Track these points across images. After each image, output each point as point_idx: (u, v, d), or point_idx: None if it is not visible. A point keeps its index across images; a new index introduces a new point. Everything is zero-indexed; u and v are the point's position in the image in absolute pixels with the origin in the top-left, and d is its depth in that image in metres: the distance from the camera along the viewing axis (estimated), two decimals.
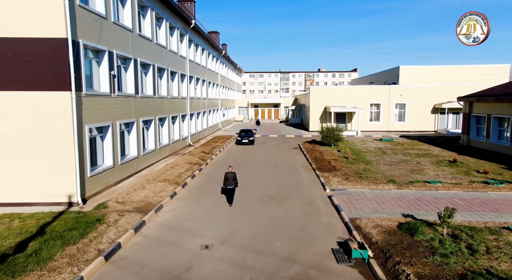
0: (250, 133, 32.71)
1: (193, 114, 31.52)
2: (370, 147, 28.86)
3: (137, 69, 18.48)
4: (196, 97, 32.41)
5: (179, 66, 26.87)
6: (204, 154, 24.80)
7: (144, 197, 13.74)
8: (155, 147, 21.26)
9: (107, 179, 15.22)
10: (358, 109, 39.07)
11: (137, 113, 18.48)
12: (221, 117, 46.96)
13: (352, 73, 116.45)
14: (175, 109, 25.65)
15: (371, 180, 16.62)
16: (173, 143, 25.05)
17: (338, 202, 13.25)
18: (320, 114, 41.60)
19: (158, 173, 18.35)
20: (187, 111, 29.05)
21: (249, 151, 27.52)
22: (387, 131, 40.95)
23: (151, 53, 20.71)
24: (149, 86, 20.69)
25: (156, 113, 21.59)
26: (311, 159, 22.94)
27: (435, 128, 40.40)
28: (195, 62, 32.03)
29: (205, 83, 36.63)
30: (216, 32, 52.85)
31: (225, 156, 25.17)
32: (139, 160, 18.75)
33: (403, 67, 44.61)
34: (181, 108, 27.51)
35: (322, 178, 17.44)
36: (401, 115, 41.25)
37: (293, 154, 25.92)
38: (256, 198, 14.26)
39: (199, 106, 33.84)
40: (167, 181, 16.28)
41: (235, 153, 26.65)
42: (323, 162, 21.22)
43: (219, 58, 45.61)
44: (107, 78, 15.21)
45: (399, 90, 40.42)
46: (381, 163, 21.41)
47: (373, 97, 40.97)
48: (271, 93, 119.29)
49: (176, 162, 21.43)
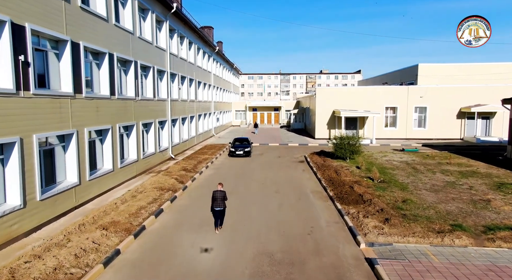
0: (246, 142, 27.06)
1: (176, 120, 25.93)
2: (393, 160, 23.27)
3: (78, 56, 12.90)
4: (180, 99, 26.82)
5: (156, 60, 21.32)
6: (185, 172, 19.18)
7: (54, 270, 8.04)
8: (114, 166, 15.63)
9: (9, 227, 9.58)
10: (372, 114, 33.48)
11: (78, 121, 12.88)
12: (214, 123, 41.32)
13: (356, 74, 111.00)
14: (148, 114, 20.07)
15: (424, 223, 10.98)
16: (145, 157, 19.44)
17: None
18: (328, 119, 36.01)
19: (108, 207, 12.70)
20: (167, 116, 23.45)
21: (243, 166, 21.92)
22: (405, 139, 35.37)
23: (107, 38, 15.15)
24: (103, 82, 15.10)
25: (117, 120, 16.01)
26: (325, 179, 17.36)
27: (461, 135, 34.81)
28: (179, 57, 26.48)
29: (193, 83, 31.06)
30: (209, 27, 47.39)
31: (212, 175, 19.55)
32: (82, 188, 13.11)
33: (422, 65, 39.04)
34: (159, 113, 21.91)
35: (348, 216, 11.84)
36: (421, 120, 35.69)
37: (299, 171, 20.32)
38: (247, 263, 8.65)
39: (185, 110, 28.24)
40: (114, 226, 10.64)
41: (226, 170, 21.03)
42: (343, 186, 15.61)
43: (212, 55, 40.04)
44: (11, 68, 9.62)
45: (420, 91, 34.86)
46: (420, 187, 15.81)
47: (388, 100, 35.42)
48: (271, 96, 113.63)
49: (143, 187, 15.80)
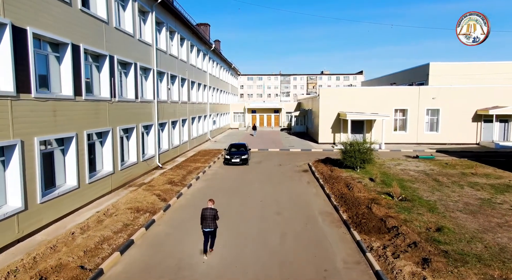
0: (243, 149, 24.28)
1: (164, 124, 23.19)
2: (409, 169, 20.53)
3: (25, 46, 10.16)
4: (170, 100, 24.08)
5: (139, 56, 18.61)
6: (170, 185, 16.42)
7: None
8: (79, 182, 12.86)
9: None
10: (381, 117, 30.74)
11: (23, 129, 10.12)
12: (210, 126, 38.57)
13: (357, 75, 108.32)
14: (129, 118, 17.33)
15: (478, 266, 8.16)
16: (124, 168, 16.69)
17: None
18: (332, 122, 33.25)
19: (61, 240, 9.88)
20: (154, 120, 20.71)
21: (239, 178, 19.17)
22: (416, 143, 32.63)
23: (70, 26, 12.43)
24: (65, 81, 12.34)
25: (84, 126, 13.25)
26: (335, 196, 14.61)
27: (477, 140, 32.06)
28: (168, 54, 23.77)
29: (186, 83, 28.34)
30: (206, 24, 44.73)
31: (202, 189, 16.78)
32: (30, 214, 10.32)
33: (434, 64, 36.28)
34: (143, 117, 19.18)
35: (372, 253, 9.08)
36: (433, 123, 32.95)
37: (303, 185, 17.56)
38: None
39: (176, 113, 25.51)
40: (57, 272, 7.84)
41: (219, 182, 18.27)
42: (358, 206, 12.84)
43: (207, 53, 37.32)
44: None
45: (432, 92, 32.13)
46: (452, 207, 13.04)
47: (398, 102, 32.68)
48: (271, 97, 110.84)
49: (115, 207, 13.02)
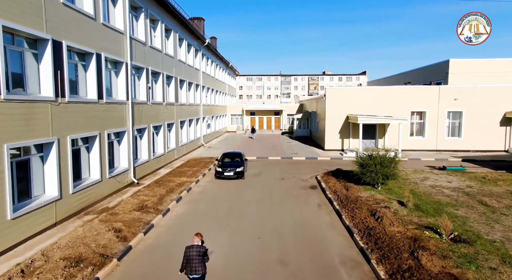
0: (238, 159, 20.35)
1: (143, 130, 19.30)
2: (441, 186, 16.67)
3: None
4: (151, 102, 20.20)
5: (104, 45, 14.72)
6: (140, 212, 12.51)
7: None
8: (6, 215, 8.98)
9: None
10: (398, 120, 26.86)
11: None
12: (204, 130, 34.66)
13: (361, 76, 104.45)
14: (87, 124, 13.42)
15: None
16: (80, 190, 12.76)
17: None
18: (340, 126, 29.37)
19: None
20: (127, 125, 16.82)
21: (232, 198, 15.23)
22: (435, 150, 28.78)
23: None
24: None
25: (7, 138, 9.37)
26: (359, 231, 10.72)
27: (506, 146, 28.18)
28: (148, 46, 19.89)
29: (173, 82, 24.46)
30: (200, 18, 40.89)
31: (182, 216, 12.84)
32: None
33: (454, 61, 32.36)
34: (110, 121, 15.29)
35: None
36: (455, 128, 29.12)
37: (313, 209, 13.65)
38: None
39: (159, 116, 21.62)
40: None
41: (205, 205, 14.34)
42: (397, 253, 8.93)
43: (200, 49, 33.43)
44: None
45: (454, 92, 28.27)
46: None
47: (415, 103, 28.83)
48: (271, 99, 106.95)
49: (46, 254, 9.08)
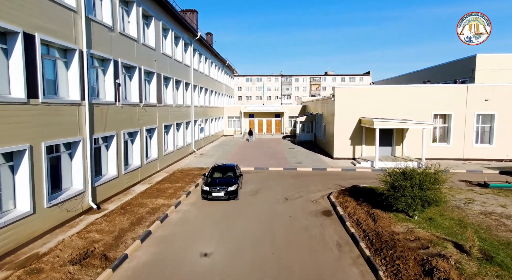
0: (231, 174, 16.27)
1: (110, 138, 15.28)
2: (496, 213, 12.71)
3: None
4: (122, 103, 16.18)
5: (39, 24, 10.73)
6: (79, 265, 8.47)
7: None
8: None
9: None
10: (421, 125, 22.86)
11: None
12: (195, 134, 30.63)
13: (364, 76, 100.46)
14: (11, 135, 9.41)
15: None
16: None
17: None
18: (352, 131, 25.43)
19: None
20: (82, 133, 12.80)
21: (220, 232, 11.15)
22: (462, 159, 24.80)
23: None
24: None
25: None
26: None
27: None
28: (118, 32, 15.89)
29: (154, 79, 20.43)
30: (193, 10, 36.91)
31: (145, 268, 8.74)
32: None
33: (482, 56, 28.32)
34: (52, 129, 11.25)
35: None
36: (485, 133, 25.15)
37: (332, 253, 9.58)
38: None
39: (133, 120, 17.58)
40: None
41: (181, 247, 10.25)
42: None
43: (191, 43, 29.43)
44: None
45: (484, 92, 24.30)
46: None
47: (438, 104, 24.87)
48: (271, 100, 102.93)
49: None
